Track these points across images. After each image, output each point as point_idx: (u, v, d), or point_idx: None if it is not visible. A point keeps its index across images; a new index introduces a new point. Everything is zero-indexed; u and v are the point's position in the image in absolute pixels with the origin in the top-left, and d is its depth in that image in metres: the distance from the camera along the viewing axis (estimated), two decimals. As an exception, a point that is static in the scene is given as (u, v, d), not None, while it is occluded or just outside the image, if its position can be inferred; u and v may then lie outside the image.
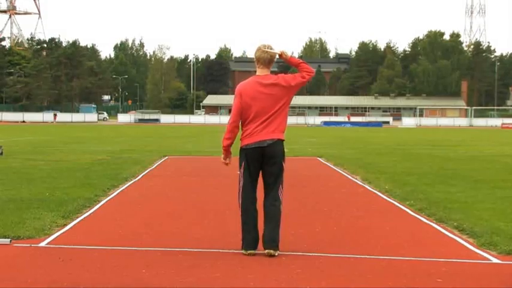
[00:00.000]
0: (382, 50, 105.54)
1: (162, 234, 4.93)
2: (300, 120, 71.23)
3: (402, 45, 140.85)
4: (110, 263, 3.96)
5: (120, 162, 11.73)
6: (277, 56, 4.35)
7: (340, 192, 7.74)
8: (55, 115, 64.73)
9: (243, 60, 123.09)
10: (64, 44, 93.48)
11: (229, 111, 6.09)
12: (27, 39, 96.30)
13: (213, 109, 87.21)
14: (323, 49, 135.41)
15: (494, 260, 4.17)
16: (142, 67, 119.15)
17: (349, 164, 11.53)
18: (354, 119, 70.15)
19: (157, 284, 3.49)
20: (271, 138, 4.18)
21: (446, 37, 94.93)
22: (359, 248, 4.45)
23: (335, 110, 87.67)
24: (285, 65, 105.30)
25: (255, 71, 4.51)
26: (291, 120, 71.31)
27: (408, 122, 66.27)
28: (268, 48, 4.30)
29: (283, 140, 4.29)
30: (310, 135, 30.28)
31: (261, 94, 4.19)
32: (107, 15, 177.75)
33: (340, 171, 10.52)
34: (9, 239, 4.53)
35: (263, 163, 4.20)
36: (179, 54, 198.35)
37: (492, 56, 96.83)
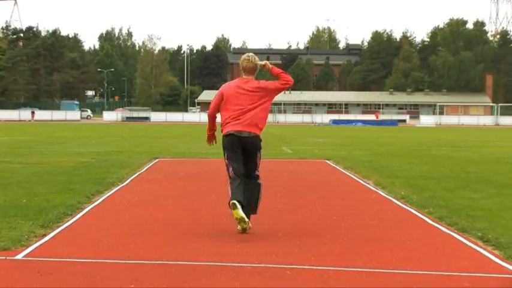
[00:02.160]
0: (397, 40, 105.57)
1: (153, 245, 4.94)
2: (306, 118, 71.30)
3: (420, 35, 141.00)
4: (94, 277, 3.96)
5: (106, 165, 11.74)
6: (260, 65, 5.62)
7: (350, 199, 7.75)
8: (33, 113, 64.78)
9: (243, 51, 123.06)
10: (43, 34, 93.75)
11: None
12: (2, 28, 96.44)
13: (209, 106, 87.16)
14: (332, 39, 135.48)
15: (523, 274, 4.18)
16: (130, 59, 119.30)
17: (360, 167, 11.54)
18: (365, 117, 70.21)
19: (147, 300, 3.50)
20: (249, 131, 5.42)
21: (470, 26, 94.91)
22: (372, 261, 4.46)
23: (345, 107, 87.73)
24: (289, 57, 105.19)
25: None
26: (296, 118, 71.44)
27: (427, 120, 66.27)
28: (252, 58, 5.55)
29: (259, 136, 5.53)
30: (317, 135, 30.32)
31: (243, 92, 5.44)
32: (90, 1, 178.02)
33: (351, 175, 10.52)
34: (-18, 251, 4.54)
35: (241, 149, 5.43)
36: (171, 45, 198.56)
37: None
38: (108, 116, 70.52)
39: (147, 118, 68.76)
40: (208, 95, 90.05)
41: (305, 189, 8.66)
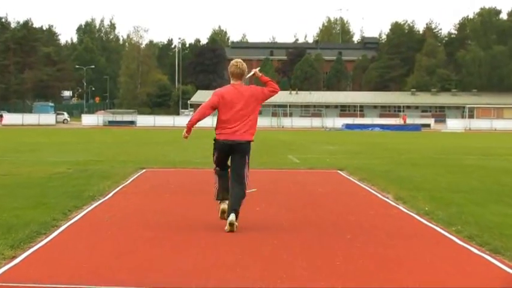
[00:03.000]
0: (420, 32, 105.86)
1: (139, 267, 4.95)
2: (316, 122, 71.39)
3: (446, 26, 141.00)
4: (72, 304, 3.97)
5: (85, 176, 11.77)
6: (252, 73, 6.87)
7: (366, 215, 7.76)
8: (1, 116, 64.94)
9: (242, 45, 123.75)
10: (13, 26, 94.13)
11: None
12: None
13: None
14: (345, 31, 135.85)
15: None
16: (113, 55, 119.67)
17: (378, 179, 11.55)
18: (383, 121, 70.27)
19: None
20: (243, 140, 6.62)
21: (503, 16, 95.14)
22: (390, 285, 4.46)
23: (360, 109, 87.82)
24: (296, 52, 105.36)
25: (257, 59, 5.98)
26: (304, 122, 71.47)
27: (454, 124, 66.34)
28: (240, 64, 6.64)
29: (251, 140, 6.73)
30: (328, 142, 30.34)
31: (241, 98, 6.57)
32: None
33: (367, 188, 10.54)
34: None
35: (231, 153, 6.69)
36: (161, 38, 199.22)
37: None
38: (88, 119, 70.64)
39: (132, 122, 68.85)
40: (202, 96, 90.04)
41: (314, 203, 8.67)
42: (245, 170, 6.70)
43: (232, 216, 6.41)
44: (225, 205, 6.71)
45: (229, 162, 6.82)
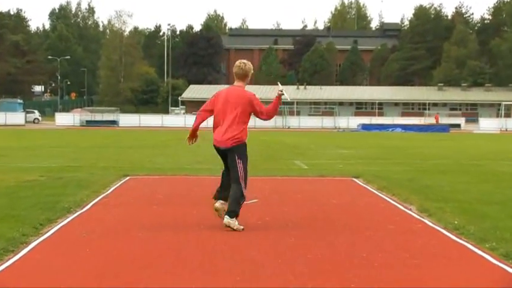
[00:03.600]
0: (448, 18, 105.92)
1: (122, 291, 4.95)
2: (327, 122, 71.52)
3: (478, 11, 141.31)
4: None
5: (59, 184, 11.78)
6: (251, 72, 7.91)
7: (386, 230, 7.76)
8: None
9: (242, 33, 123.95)
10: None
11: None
12: None
13: (197, 105, 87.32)
14: (361, 17, 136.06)
15: None
16: (92, 44, 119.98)
17: (399, 188, 11.56)
18: (406, 120, 70.26)
19: None
20: (223, 147, 7.60)
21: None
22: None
23: (379, 107, 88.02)
24: (304, 40, 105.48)
25: (259, 49, 6.41)
26: (314, 122, 71.47)
27: (488, 124, 66.34)
28: (243, 65, 7.72)
29: (242, 143, 7.61)
30: (341, 145, 30.34)
31: (233, 99, 7.58)
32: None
33: (387, 199, 10.54)
34: None
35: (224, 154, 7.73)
36: (147, 24, 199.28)
37: None
38: (63, 119, 70.71)
39: (114, 122, 68.94)
40: (195, 91, 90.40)
41: (325, 217, 8.67)
42: (239, 171, 7.53)
43: (225, 219, 7.48)
44: (217, 204, 7.82)
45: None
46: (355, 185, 12.75)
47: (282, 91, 7.80)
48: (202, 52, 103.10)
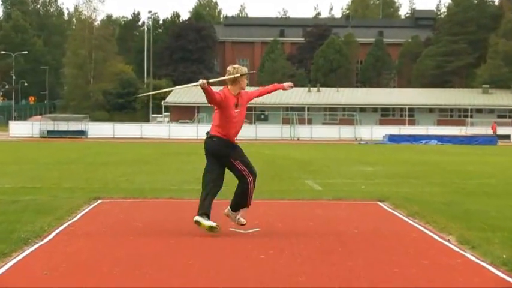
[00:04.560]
0: (495, 4, 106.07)
1: None
2: (346, 132, 71.59)
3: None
4: None
5: (15, 210, 11.75)
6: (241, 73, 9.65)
7: (418, 266, 7.76)
8: None
9: (240, 22, 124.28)
10: None
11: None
12: None
13: (185, 112, 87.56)
14: (387, 2, 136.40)
15: None
16: (55, 36, 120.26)
17: (434, 214, 11.54)
18: (443, 130, 70.20)
19: None
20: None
21: None
22: None
23: (409, 113, 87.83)
24: (317, 31, 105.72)
25: (261, 42, 6.90)
26: (329, 132, 71.50)
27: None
28: (232, 69, 9.76)
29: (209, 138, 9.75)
30: (363, 160, 30.32)
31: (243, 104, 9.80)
32: None
33: (419, 227, 10.53)
34: None
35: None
36: (123, 11, 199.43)
37: None
38: (19, 128, 70.78)
39: (82, 132, 68.97)
40: (182, 95, 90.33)
41: (342, 250, 8.65)
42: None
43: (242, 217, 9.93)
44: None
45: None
46: (381, 210, 12.74)
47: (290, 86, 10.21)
48: (191, 46, 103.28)
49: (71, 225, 10.41)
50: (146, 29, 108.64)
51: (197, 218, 9.45)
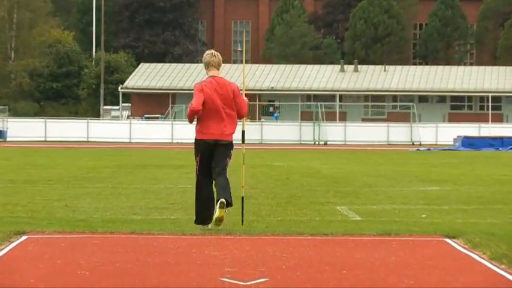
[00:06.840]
0: None
1: None
2: (398, 132, 71.55)
3: None
4: None
5: None
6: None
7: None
8: None
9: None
10: None
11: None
12: None
13: (153, 102, 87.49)
14: None
15: None
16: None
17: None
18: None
19: None
20: (227, 140, 13.51)
21: None
22: None
23: (494, 105, 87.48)
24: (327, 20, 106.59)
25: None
26: (372, 132, 71.49)
27: None
28: (214, 53, 13.56)
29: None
30: (424, 176, 30.40)
31: (222, 93, 13.35)
32: None
33: (509, 276, 10.55)
34: None
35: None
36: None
37: None
38: None
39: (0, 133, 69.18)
40: (151, 76, 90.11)
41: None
42: (227, 163, 13.43)
43: (222, 211, 12.88)
44: (210, 226, 13.23)
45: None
46: (451, 250, 12.76)
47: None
48: (163, 2, 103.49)
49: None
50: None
51: (224, 201, 12.99)
